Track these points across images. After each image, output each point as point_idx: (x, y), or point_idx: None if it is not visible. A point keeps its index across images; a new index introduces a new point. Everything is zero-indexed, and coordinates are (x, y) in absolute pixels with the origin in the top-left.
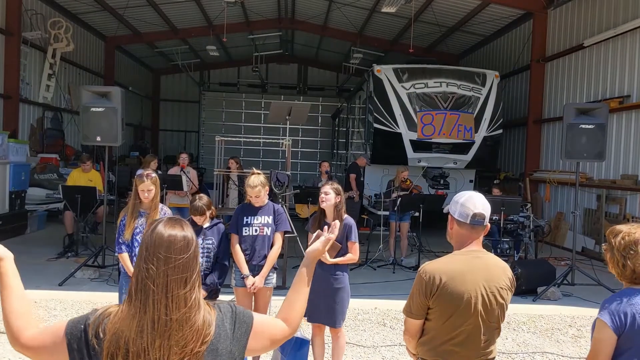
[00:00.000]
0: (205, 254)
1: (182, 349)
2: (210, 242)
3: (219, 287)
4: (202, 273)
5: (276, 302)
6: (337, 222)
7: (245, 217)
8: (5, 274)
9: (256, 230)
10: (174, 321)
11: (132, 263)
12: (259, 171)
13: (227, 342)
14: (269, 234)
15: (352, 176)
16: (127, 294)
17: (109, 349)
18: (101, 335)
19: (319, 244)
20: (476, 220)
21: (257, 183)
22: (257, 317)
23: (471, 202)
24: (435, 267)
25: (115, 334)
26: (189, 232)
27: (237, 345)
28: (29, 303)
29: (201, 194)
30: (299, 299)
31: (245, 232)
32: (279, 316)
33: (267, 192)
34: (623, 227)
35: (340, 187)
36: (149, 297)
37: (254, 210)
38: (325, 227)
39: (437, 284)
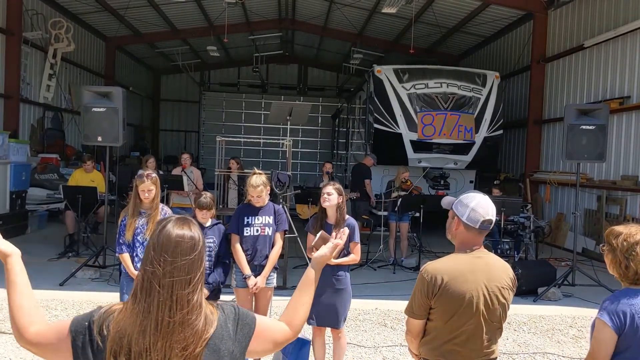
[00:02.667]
0: (207, 252)
1: (182, 350)
2: (211, 240)
3: (221, 286)
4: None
5: (277, 302)
6: (347, 230)
7: (246, 217)
8: (11, 271)
9: (257, 231)
10: (176, 322)
11: (133, 263)
12: (260, 171)
13: (229, 343)
14: (270, 234)
15: (368, 182)
16: (130, 293)
17: (112, 347)
18: (105, 332)
19: (327, 249)
20: (485, 226)
21: (259, 183)
22: (259, 319)
23: (482, 208)
24: (437, 267)
25: (119, 332)
26: (196, 232)
27: (239, 346)
28: (34, 299)
29: (205, 192)
30: (302, 302)
31: (247, 233)
32: (282, 319)
33: (268, 192)
34: (622, 229)
35: (342, 188)
36: (154, 298)
37: (255, 211)
38: (334, 233)
39: (439, 284)
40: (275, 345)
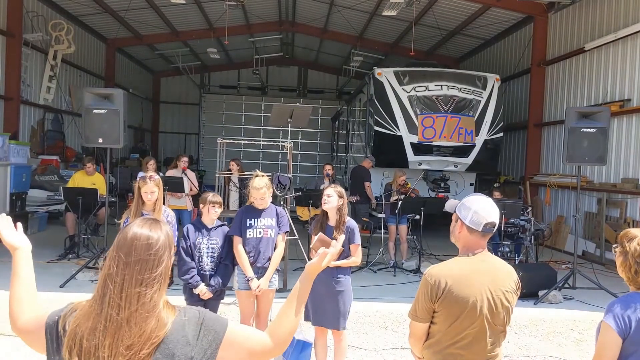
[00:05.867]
0: (210, 254)
1: (127, 350)
2: (215, 242)
3: (223, 288)
4: (207, 273)
5: (278, 304)
6: (342, 237)
7: (248, 219)
8: (17, 263)
9: (260, 233)
10: (123, 320)
11: None
12: (263, 173)
13: (187, 349)
14: (272, 236)
15: (368, 184)
16: None
17: (68, 343)
18: (67, 327)
19: (316, 259)
20: (488, 228)
21: (262, 185)
22: (232, 327)
23: (485, 211)
24: (441, 270)
25: (75, 329)
26: (155, 233)
27: (201, 353)
28: (33, 292)
29: (213, 193)
30: (289, 314)
31: (249, 235)
32: (267, 330)
33: (271, 195)
34: (637, 232)
35: (343, 190)
36: (105, 296)
37: (258, 213)
38: (334, 241)
39: (443, 287)
40: (252, 356)
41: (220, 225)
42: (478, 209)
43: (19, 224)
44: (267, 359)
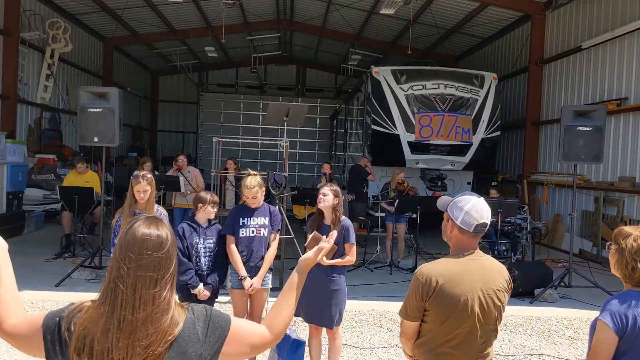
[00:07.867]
0: (208, 253)
1: (144, 350)
2: (211, 241)
3: (219, 286)
4: (205, 272)
5: (272, 303)
6: (335, 232)
7: (241, 219)
8: None
9: (253, 232)
10: (139, 321)
11: None
12: (255, 172)
13: (197, 346)
14: (265, 235)
15: (372, 177)
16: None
17: (75, 344)
18: (72, 329)
19: (312, 253)
20: (479, 229)
21: (254, 184)
22: (235, 322)
23: (476, 212)
24: (432, 269)
25: (83, 330)
26: (163, 231)
27: (209, 349)
28: (16, 292)
29: (210, 192)
30: (285, 306)
31: (242, 234)
32: (264, 322)
33: (264, 193)
34: (632, 230)
35: (338, 189)
36: (117, 297)
37: (251, 212)
38: (325, 235)
39: (434, 286)
40: (252, 349)
41: (214, 224)
42: (470, 210)
43: None
44: (265, 350)
